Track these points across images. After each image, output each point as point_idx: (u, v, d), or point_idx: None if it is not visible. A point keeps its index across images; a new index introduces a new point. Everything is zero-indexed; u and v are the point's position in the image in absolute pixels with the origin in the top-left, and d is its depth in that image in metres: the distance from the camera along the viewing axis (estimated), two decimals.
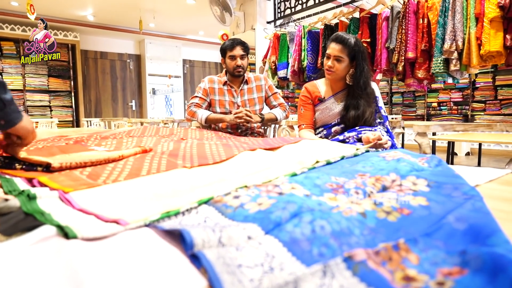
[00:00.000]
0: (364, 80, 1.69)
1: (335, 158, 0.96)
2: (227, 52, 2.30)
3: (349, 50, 1.68)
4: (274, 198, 0.57)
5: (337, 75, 1.73)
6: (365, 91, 1.71)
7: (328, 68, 1.72)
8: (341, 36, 1.70)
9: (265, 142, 1.26)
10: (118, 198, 0.60)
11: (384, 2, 3.02)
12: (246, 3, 4.48)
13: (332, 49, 1.69)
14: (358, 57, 1.69)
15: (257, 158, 0.96)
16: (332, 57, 1.70)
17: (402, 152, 1.03)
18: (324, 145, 1.22)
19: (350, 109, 1.72)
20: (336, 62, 1.70)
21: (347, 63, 1.70)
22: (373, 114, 1.71)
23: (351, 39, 1.69)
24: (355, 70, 1.71)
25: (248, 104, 2.35)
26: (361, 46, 1.71)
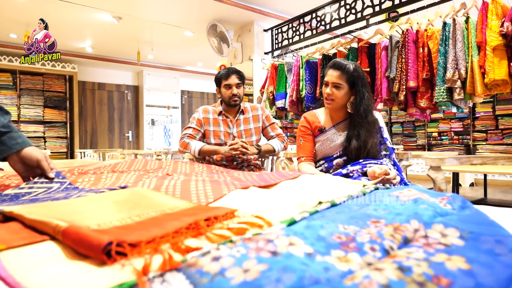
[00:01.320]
0: (365, 107, 1.58)
1: (341, 199, 0.82)
2: (222, 81, 2.22)
3: (348, 76, 1.59)
4: (265, 262, 0.43)
5: (337, 104, 1.62)
6: (366, 120, 1.59)
7: (327, 97, 1.62)
8: (339, 62, 1.61)
9: (260, 178, 1.12)
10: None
11: (382, 32, 3.00)
12: (244, 34, 4.50)
13: (330, 76, 1.60)
14: (358, 83, 1.59)
15: (249, 199, 0.82)
16: (330, 84, 1.60)
17: (417, 190, 0.89)
18: (326, 181, 1.08)
19: (352, 140, 1.59)
20: (335, 89, 1.59)
21: (346, 90, 1.60)
22: (377, 145, 1.59)
23: (350, 65, 1.60)
24: (355, 98, 1.60)
25: (244, 134, 2.24)
26: (361, 72, 1.62)
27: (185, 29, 4.86)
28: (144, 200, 0.77)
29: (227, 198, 0.84)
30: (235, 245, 0.50)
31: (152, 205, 0.73)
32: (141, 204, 0.74)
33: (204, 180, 1.01)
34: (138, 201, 0.76)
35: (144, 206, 0.72)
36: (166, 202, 0.76)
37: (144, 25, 4.77)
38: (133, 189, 0.87)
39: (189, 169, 1.48)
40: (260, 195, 0.86)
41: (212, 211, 0.67)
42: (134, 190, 0.85)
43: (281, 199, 0.80)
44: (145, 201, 0.76)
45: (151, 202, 0.75)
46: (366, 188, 0.97)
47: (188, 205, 0.74)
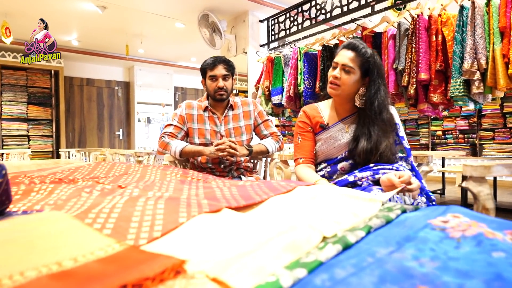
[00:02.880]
0: (380, 102, 1.29)
1: (356, 233, 0.53)
2: (207, 71, 1.92)
3: (362, 60, 1.30)
4: None
5: (342, 91, 1.33)
6: (381, 117, 1.30)
7: (332, 80, 1.32)
8: (355, 42, 1.32)
9: (242, 191, 0.83)
10: None
11: (389, 19, 2.71)
12: (238, 25, 4.19)
13: (342, 56, 1.31)
14: (373, 73, 1.30)
15: (213, 236, 0.53)
16: (340, 66, 1.31)
17: (468, 216, 0.60)
18: (330, 196, 0.79)
19: (360, 140, 1.30)
20: (344, 73, 1.30)
21: (357, 77, 1.31)
22: (392, 147, 1.30)
23: (367, 49, 1.31)
24: (368, 89, 1.31)
25: (234, 133, 1.94)
26: (378, 60, 1.33)
27: (175, 20, 4.55)
28: (40, 241, 0.47)
29: (182, 232, 0.55)
30: None
31: (48, 252, 0.44)
32: (32, 248, 0.45)
33: (160, 197, 0.72)
34: (29, 242, 0.46)
35: (28, 256, 0.42)
36: (76, 244, 0.47)
37: (132, 16, 4.45)
38: (41, 217, 0.58)
39: (160, 176, 1.19)
40: (233, 226, 0.56)
41: (141, 269, 0.38)
42: (40, 220, 0.56)
43: (263, 236, 0.51)
44: (40, 243, 0.46)
45: (50, 245, 0.46)
46: (388, 209, 0.68)
47: (109, 251, 0.45)
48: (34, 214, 0.62)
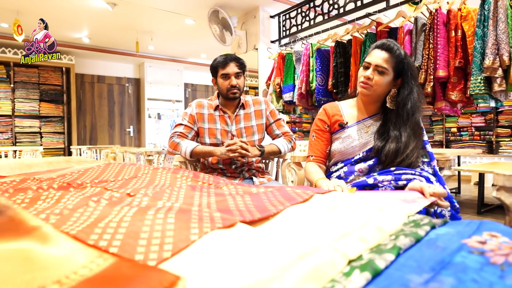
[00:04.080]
0: (413, 104, 1.25)
1: (385, 257, 0.48)
2: (219, 70, 1.88)
3: (396, 62, 1.25)
4: None
5: (375, 92, 1.28)
6: (413, 118, 1.26)
7: (365, 81, 1.27)
8: (388, 43, 1.27)
9: (256, 201, 0.79)
10: None
11: (405, 14, 2.61)
12: (248, 21, 4.13)
13: (375, 57, 1.25)
14: (407, 74, 1.26)
15: (227, 258, 0.48)
16: (373, 67, 1.25)
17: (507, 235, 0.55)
18: (350, 206, 0.74)
19: (389, 140, 1.25)
20: (378, 74, 1.25)
21: (390, 78, 1.26)
22: (417, 150, 1.24)
23: (401, 50, 1.26)
24: (402, 91, 1.26)
25: (245, 133, 1.90)
26: (411, 62, 1.28)
27: (185, 17, 4.51)
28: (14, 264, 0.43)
29: (194, 251, 0.51)
30: None
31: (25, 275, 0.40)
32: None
33: (170, 209, 0.68)
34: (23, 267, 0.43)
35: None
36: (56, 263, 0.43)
37: (142, 13, 4.43)
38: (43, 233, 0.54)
39: (170, 180, 1.15)
40: (248, 246, 0.52)
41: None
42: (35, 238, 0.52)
43: (282, 259, 0.46)
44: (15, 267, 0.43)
45: (27, 268, 0.42)
46: (415, 224, 0.63)
47: (93, 268, 0.42)
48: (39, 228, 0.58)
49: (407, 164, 1.20)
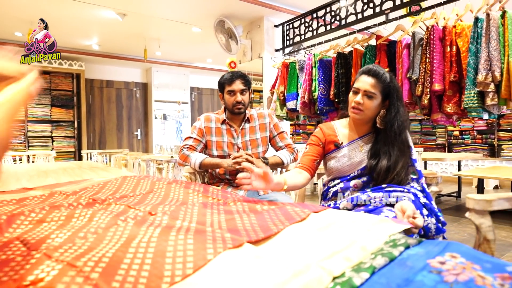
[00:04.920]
0: (400, 123, 1.36)
1: (361, 275, 0.61)
2: (225, 86, 2.01)
3: (383, 86, 1.36)
4: None
5: (365, 115, 1.40)
6: (400, 138, 1.37)
7: (355, 106, 1.39)
8: (375, 69, 1.38)
9: (260, 221, 0.92)
10: None
11: (403, 28, 2.72)
12: (253, 30, 4.26)
13: (363, 83, 1.37)
14: (393, 96, 1.37)
15: (237, 273, 0.61)
16: (362, 92, 1.37)
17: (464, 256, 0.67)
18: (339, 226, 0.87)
19: (381, 158, 1.37)
20: (367, 98, 1.37)
21: (379, 101, 1.38)
22: (407, 167, 1.36)
23: (386, 75, 1.38)
24: (389, 111, 1.38)
25: (250, 145, 2.03)
26: (396, 83, 1.39)
27: (192, 26, 4.65)
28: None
29: (209, 269, 0.64)
30: None
31: None
32: None
33: (188, 230, 0.81)
34: None
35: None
36: None
37: (150, 22, 4.58)
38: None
39: (183, 195, 1.29)
40: (253, 264, 0.65)
41: None
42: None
43: (280, 276, 0.59)
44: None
45: None
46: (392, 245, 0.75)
47: None
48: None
49: (397, 181, 1.32)
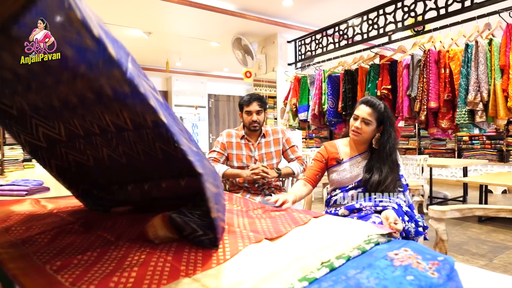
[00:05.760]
0: (391, 146, 1.68)
1: (340, 261, 0.93)
2: (244, 107, 2.35)
3: (378, 114, 1.68)
4: None
5: (363, 137, 1.72)
6: (390, 157, 1.68)
7: (355, 129, 1.72)
8: (372, 100, 1.71)
9: (274, 224, 1.25)
10: None
11: (405, 49, 3.00)
12: (268, 46, 4.60)
13: (362, 111, 1.70)
14: (386, 123, 1.69)
15: (260, 258, 0.95)
16: (360, 119, 1.70)
17: (413, 250, 0.98)
18: (332, 228, 1.19)
19: (374, 173, 1.68)
20: (364, 124, 1.69)
21: (374, 127, 1.70)
22: (395, 181, 1.67)
23: (381, 105, 1.70)
24: (382, 135, 1.69)
25: (265, 157, 2.36)
26: (390, 113, 1.71)
27: (210, 41, 5.03)
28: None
29: (241, 255, 0.97)
30: None
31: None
32: None
33: (224, 230, 1.15)
34: None
35: None
36: None
37: (172, 39, 4.98)
38: None
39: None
40: (270, 253, 0.98)
41: None
42: None
43: (287, 261, 0.92)
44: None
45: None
46: (367, 242, 1.07)
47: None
48: None
49: (388, 191, 1.63)
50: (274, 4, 3.81)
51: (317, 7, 3.92)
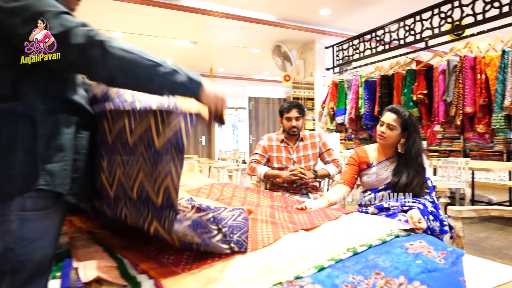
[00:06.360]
0: (416, 150, 1.83)
1: (363, 247, 1.14)
2: (284, 113, 2.59)
3: (402, 120, 1.85)
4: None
5: (388, 141, 1.89)
6: (416, 161, 1.83)
7: (380, 134, 1.90)
8: (396, 108, 1.88)
9: (309, 218, 1.48)
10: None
11: (441, 54, 3.07)
12: (306, 51, 4.79)
13: (387, 117, 1.88)
14: (410, 129, 1.84)
15: (297, 245, 1.18)
16: (385, 125, 1.87)
17: (427, 242, 1.17)
18: (359, 223, 1.39)
19: (401, 176, 1.84)
20: (389, 129, 1.86)
21: (399, 132, 1.86)
22: (421, 184, 1.81)
23: (405, 112, 1.86)
24: (407, 140, 1.85)
25: (303, 160, 2.58)
26: (414, 120, 1.87)
27: (251, 48, 5.32)
28: None
29: (282, 241, 1.22)
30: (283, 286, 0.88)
31: None
32: None
33: (267, 221, 1.40)
34: None
35: None
36: None
37: (216, 47, 5.34)
38: None
39: (256, 199, 1.89)
40: (305, 240, 1.22)
41: None
42: None
43: (319, 246, 1.15)
44: None
45: None
46: (388, 235, 1.27)
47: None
48: None
49: (413, 194, 1.79)
50: (312, 14, 4.01)
51: (354, 15, 4.06)
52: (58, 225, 0.97)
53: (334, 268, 1.00)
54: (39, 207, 0.89)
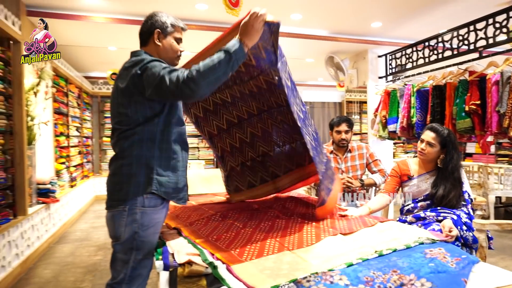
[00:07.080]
0: (453, 166, 2.00)
1: (388, 251, 1.41)
2: (334, 127, 2.85)
3: (441, 138, 2.03)
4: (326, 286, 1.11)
5: (427, 157, 2.08)
6: (453, 176, 2.00)
7: (420, 150, 2.10)
8: (436, 127, 2.07)
9: (348, 224, 1.76)
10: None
11: (496, 64, 3.06)
12: (359, 61, 4.93)
13: (427, 135, 2.07)
14: (449, 146, 2.02)
15: (334, 245, 1.48)
16: (425, 142, 2.07)
17: (446, 250, 1.39)
18: (391, 230, 1.64)
19: (439, 189, 2.02)
20: (428, 146, 2.06)
21: (438, 149, 2.05)
22: (458, 196, 1.97)
23: (444, 131, 2.04)
24: (446, 157, 2.02)
25: (351, 169, 2.83)
26: (453, 137, 2.04)
27: (306, 58, 5.59)
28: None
29: (322, 242, 1.53)
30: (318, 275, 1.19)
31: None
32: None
33: (312, 225, 1.72)
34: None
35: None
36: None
37: None
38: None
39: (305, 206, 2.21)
40: (341, 242, 1.51)
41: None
42: None
43: (352, 247, 1.44)
44: None
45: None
46: (414, 242, 1.50)
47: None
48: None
49: (449, 206, 1.95)
50: (363, 27, 4.17)
51: (406, 25, 4.13)
52: (163, 219, 1.43)
53: (360, 265, 1.29)
54: (153, 205, 1.36)
